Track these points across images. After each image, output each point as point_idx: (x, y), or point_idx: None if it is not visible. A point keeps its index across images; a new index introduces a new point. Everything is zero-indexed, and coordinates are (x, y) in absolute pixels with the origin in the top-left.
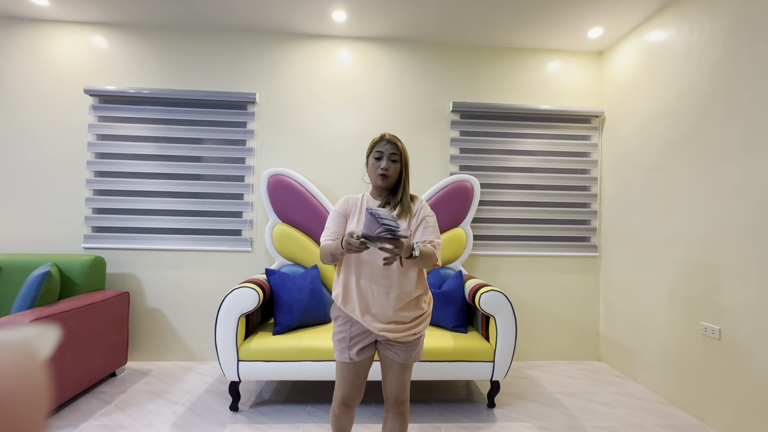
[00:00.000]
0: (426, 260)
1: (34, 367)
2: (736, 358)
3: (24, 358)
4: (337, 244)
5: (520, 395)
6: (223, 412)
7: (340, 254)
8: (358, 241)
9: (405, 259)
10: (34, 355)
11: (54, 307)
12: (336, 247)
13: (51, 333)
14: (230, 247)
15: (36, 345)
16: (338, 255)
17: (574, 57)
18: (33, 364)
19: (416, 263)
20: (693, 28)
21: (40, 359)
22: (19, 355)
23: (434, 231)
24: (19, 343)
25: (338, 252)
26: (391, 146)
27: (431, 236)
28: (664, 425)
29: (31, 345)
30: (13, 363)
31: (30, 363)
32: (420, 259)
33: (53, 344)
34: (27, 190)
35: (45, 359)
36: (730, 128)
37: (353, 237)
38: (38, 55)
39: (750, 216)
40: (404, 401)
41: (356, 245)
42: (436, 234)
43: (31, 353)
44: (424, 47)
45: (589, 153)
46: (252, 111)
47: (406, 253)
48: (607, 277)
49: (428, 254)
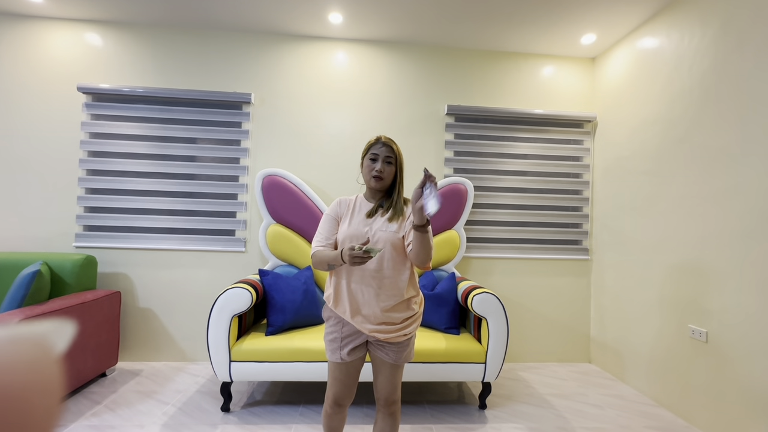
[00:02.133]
0: (428, 249)
1: (49, 362)
2: (723, 361)
3: (39, 353)
4: (336, 254)
5: (511, 397)
6: (214, 413)
7: (339, 265)
8: (362, 252)
9: (414, 229)
10: (49, 350)
11: (44, 306)
12: (335, 258)
13: (67, 328)
14: (224, 247)
15: (51, 340)
16: (336, 265)
17: (568, 62)
18: (48, 359)
19: (422, 240)
20: (684, 34)
21: (55, 354)
22: (34, 350)
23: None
24: (35, 337)
25: (337, 263)
26: (387, 149)
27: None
28: (653, 427)
29: (47, 340)
30: (29, 358)
31: (45, 358)
32: (426, 239)
33: (69, 339)
34: (18, 188)
35: (59, 354)
36: (721, 133)
37: (355, 249)
38: (31, 52)
39: (739, 220)
40: (395, 401)
41: (361, 257)
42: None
43: (46, 348)
44: (419, 50)
45: (581, 157)
46: (247, 111)
47: (419, 218)
48: (598, 280)
49: (431, 245)
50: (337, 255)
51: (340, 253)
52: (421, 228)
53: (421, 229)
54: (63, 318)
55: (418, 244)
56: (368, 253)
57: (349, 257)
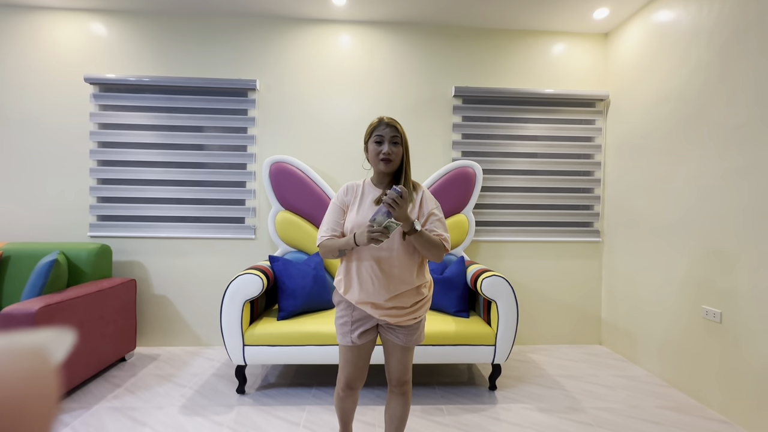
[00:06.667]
0: (432, 249)
1: (46, 372)
2: (737, 341)
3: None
4: (347, 239)
5: (521, 378)
6: (230, 395)
7: (351, 248)
8: (381, 228)
9: (408, 235)
10: (46, 359)
11: (63, 294)
12: (346, 243)
13: (65, 338)
14: (234, 235)
15: (49, 350)
16: (348, 250)
17: (579, 39)
18: (45, 369)
19: (419, 244)
20: (702, 5)
21: (53, 365)
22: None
23: (442, 225)
24: (33, 347)
25: (349, 247)
26: (391, 129)
27: (439, 230)
28: (664, 407)
29: (45, 350)
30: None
31: (42, 368)
32: (423, 242)
33: (67, 350)
34: (32, 180)
35: (57, 365)
36: (738, 110)
37: (374, 226)
38: (38, 43)
39: (756, 199)
40: (407, 382)
41: (380, 232)
42: (444, 228)
43: (43, 358)
44: (425, 31)
45: (593, 137)
46: (253, 98)
47: (407, 225)
48: (610, 262)
49: (435, 243)
50: (350, 239)
51: (353, 237)
52: (412, 233)
53: (413, 234)
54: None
55: (418, 247)
56: (387, 229)
57: (368, 234)
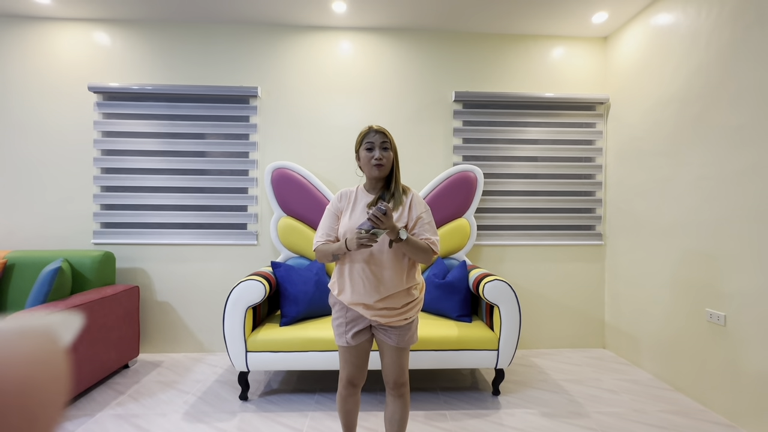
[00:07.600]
0: (419, 253)
1: (56, 354)
2: (741, 344)
3: (46, 345)
4: (339, 244)
5: (524, 383)
6: (233, 401)
7: (343, 253)
8: (368, 235)
9: (395, 242)
10: (56, 342)
11: (67, 301)
12: (338, 248)
13: (74, 320)
14: (236, 241)
15: (59, 332)
16: (341, 254)
17: (579, 43)
18: (55, 351)
19: (407, 250)
20: (701, 8)
21: (62, 347)
22: (41, 342)
23: (430, 228)
24: (42, 330)
25: (341, 252)
26: (381, 135)
27: (427, 233)
28: (668, 410)
29: (54, 332)
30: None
31: (52, 350)
32: (410, 248)
33: (76, 332)
34: (36, 188)
35: (67, 347)
36: (739, 112)
37: (362, 233)
38: (43, 53)
39: (758, 201)
40: (403, 384)
41: (367, 239)
42: (432, 231)
43: (53, 340)
44: (425, 36)
45: (593, 141)
46: (254, 105)
47: (393, 235)
48: (612, 265)
49: (422, 248)
50: (341, 245)
51: (344, 242)
52: (398, 241)
53: (400, 242)
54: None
55: (406, 252)
56: (375, 235)
57: (356, 240)
